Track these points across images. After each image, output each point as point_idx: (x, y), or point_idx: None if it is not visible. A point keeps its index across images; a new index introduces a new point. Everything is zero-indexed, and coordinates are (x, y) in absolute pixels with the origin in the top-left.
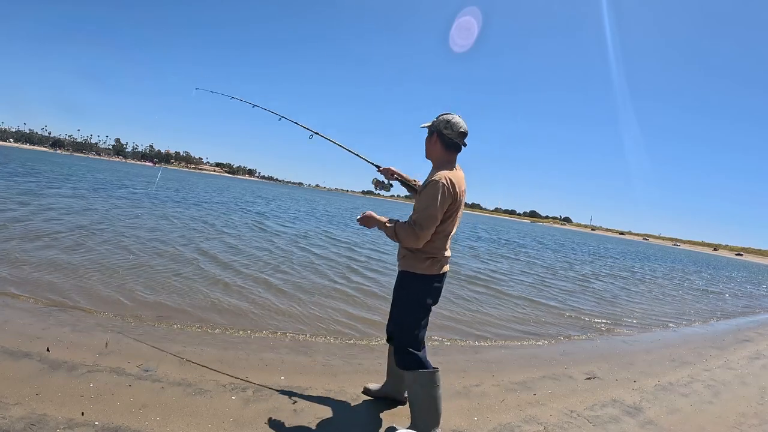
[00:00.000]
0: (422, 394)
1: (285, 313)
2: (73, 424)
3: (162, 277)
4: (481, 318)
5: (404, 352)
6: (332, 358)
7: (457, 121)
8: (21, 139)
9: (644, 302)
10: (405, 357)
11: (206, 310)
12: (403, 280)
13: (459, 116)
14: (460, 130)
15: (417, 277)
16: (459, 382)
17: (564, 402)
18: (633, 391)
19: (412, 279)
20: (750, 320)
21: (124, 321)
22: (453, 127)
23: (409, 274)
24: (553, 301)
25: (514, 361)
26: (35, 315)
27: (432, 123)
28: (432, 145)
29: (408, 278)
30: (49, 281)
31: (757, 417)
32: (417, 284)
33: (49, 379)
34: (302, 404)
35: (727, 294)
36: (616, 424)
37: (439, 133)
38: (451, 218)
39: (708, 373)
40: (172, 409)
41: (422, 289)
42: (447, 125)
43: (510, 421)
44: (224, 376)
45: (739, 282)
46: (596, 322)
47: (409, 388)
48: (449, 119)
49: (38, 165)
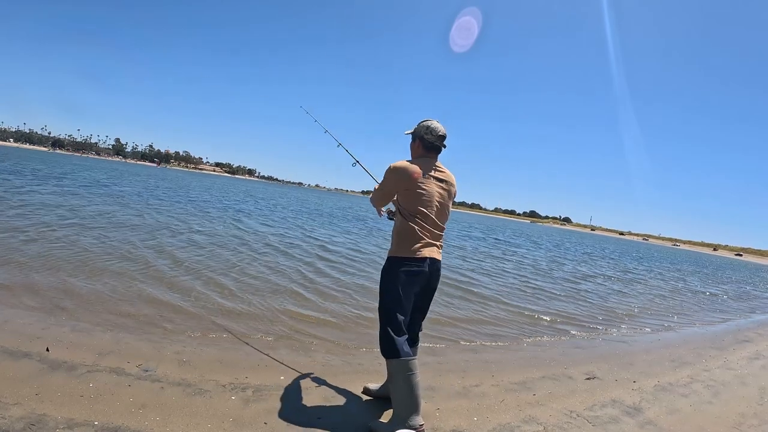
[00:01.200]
0: (399, 381)
1: (286, 313)
2: (73, 424)
3: (162, 277)
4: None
5: (381, 336)
6: (332, 358)
7: (436, 126)
8: (21, 139)
9: (639, 303)
10: (382, 342)
11: (205, 310)
12: (385, 264)
13: (437, 122)
14: (438, 134)
15: (390, 260)
16: (458, 382)
17: (563, 402)
18: (633, 391)
19: (388, 262)
20: (749, 320)
21: (124, 320)
22: (432, 132)
23: (389, 257)
24: (533, 304)
25: (514, 361)
26: (35, 315)
27: (414, 129)
28: (416, 148)
29: (387, 261)
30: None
31: (756, 417)
32: (390, 266)
33: (48, 379)
34: (302, 404)
35: (726, 295)
36: (616, 425)
37: (420, 138)
38: (412, 194)
39: (708, 373)
40: (172, 409)
41: (395, 271)
42: (427, 130)
43: (509, 421)
44: (224, 376)
45: (737, 282)
46: (577, 324)
47: (389, 377)
48: (429, 125)
49: (32, 163)
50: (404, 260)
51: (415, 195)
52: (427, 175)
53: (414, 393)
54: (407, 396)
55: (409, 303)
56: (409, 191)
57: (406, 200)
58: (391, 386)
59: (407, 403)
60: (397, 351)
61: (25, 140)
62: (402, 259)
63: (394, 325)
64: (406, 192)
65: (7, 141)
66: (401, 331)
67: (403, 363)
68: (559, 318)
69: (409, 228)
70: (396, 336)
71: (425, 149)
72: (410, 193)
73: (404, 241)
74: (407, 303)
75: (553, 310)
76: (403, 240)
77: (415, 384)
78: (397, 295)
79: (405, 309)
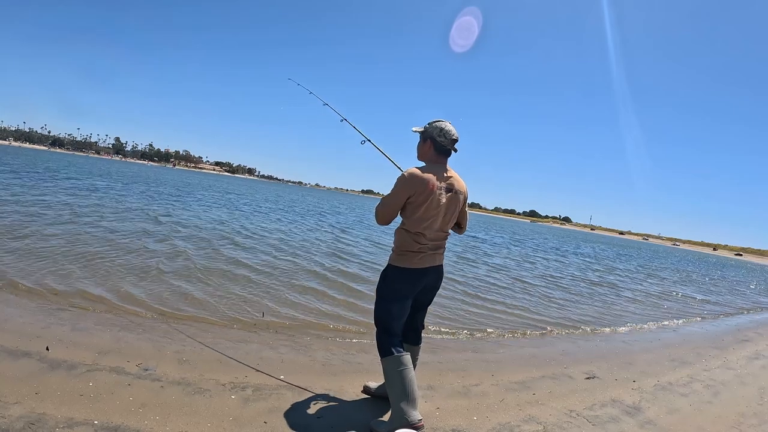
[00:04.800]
0: (393, 377)
1: (286, 312)
2: (73, 423)
3: (161, 277)
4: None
5: (377, 337)
6: (332, 358)
7: (450, 128)
8: (20, 138)
9: (633, 306)
10: (378, 342)
11: (205, 310)
12: (385, 270)
13: (450, 123)
14: (452, 137)
15: (390, 268)
16: (458, 381)
17: (563, 402)
18: (632, 390)
19: (388, 269)
20: (749, 320)
21: (124, 320)
22: (446, 135)
23: (389, 264)
24: (534, 305)
25: (514, 360)
26: (35, 314)
27: (425, 129)
28: (426, 150)
29: (387, 268)
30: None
31: (756, 417)
32: (389, 273)
33: (48, 379)
34: (302, 403)
35: (724, 295)
36: (616, 424)
37: (432, 139)
38: (420, 209)
39: (707, 373)
40: (172, 409)
41: (394, 279)
42: (441, 133)
43: (509, 420)
44: (224, 376)
45: (735, 282)
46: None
47: (384, 376)
48: (442, 126)
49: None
50: (404, 270)
51: (424, 209)
52: (440, 188)
53: (408, 388)
54: (401, 392)
55: (405, 308)
56: (419, 205)
57: (413, 213)
58: (387, 384)
59: (402, 399)
60: (389, 350)
61: (24, 139)
62: (402, 269)
63: (388, 326)
64: (415, 206)
65: (6, 140)
66: (395, 332)
67: (395, 359)
68: (560, 318)
69: (411, 241)
70: (389, 336)
71: (436, 152)
72: (419, 207)
73: (406, 253)
74: (403, 308)
75: (554, 310)
76: (405, 251)
77: (409, 379)
78: (394, 301)
79: (401, 313)
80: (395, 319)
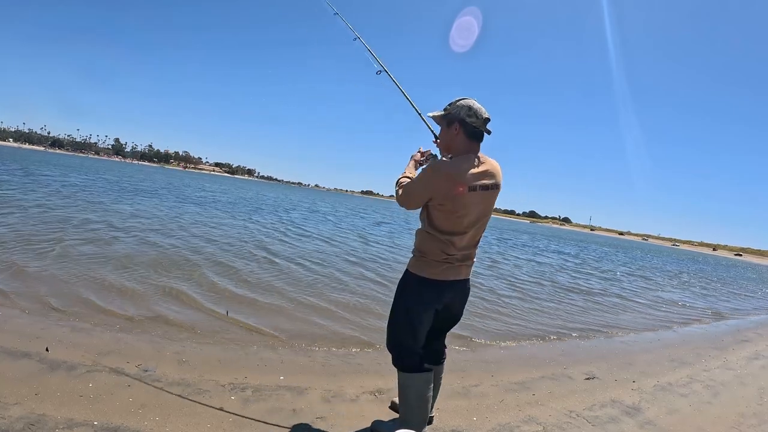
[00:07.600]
0: (409, 395)
1: (284, 313)
2: (72, 424)
3: (160, 276)
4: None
5: (392, 347)
6: (331, 358)
7: (479, 106)
8: (20, 139)
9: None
10: (393, 352)
11: (204, 310)
12: (404, 277)
13: (476, 101)
14: (484, 117)
15: (410, 275)
16: (458, 382)
17: (563, 402)
18: (632, 391)
19: (407, 277)
20: (749, 320)
21: (124, 321)
22: (476, 113)
23: (408, 271)
24: (533, 304)
25: (513, 361)
26: (34, 315)
27: (447, 111)
28: (454, 136)
29: (407, 275)
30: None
31: (756, 417)
32: (409, 282)
33: (48, 379)
34: (301, 404)
35: (725, 295)
36: (615, 425)
37: (461, 122)
38: (449, 216)
39: (707, 373)
40: (171, 409)
41: (413, 289)
42: (470, 111)
43: (509, 421)
44: (223, 376)
45: (735, 282)
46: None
47: (399, 386)
48: (471, 104)
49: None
50: (426, 281)
51: (455, 214)
52: (473, 187)
53: (423, 408)
54: (416, 410)
55: (424, 323)
56: (447, 211)
57: (442, 215)
58: (400, 395)
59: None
60: (409, 366)
61: (24, 140)
62: (424, 279)
63: (404, 340)
64: (442, 211)
65: (6, 140)
66: (413, 348)
67: (414, 377)
68: (560, 318)
69: (437, 248)
70: (407, 351)
71: (468, 137)
72: (449, 210)
73: (429, 261)
74: (422, 324)
75: (554, 310)
76: (428, 259)
77: (426, 399)
78: (412, 315)
79: (419, 329)
80: (412, 332)
